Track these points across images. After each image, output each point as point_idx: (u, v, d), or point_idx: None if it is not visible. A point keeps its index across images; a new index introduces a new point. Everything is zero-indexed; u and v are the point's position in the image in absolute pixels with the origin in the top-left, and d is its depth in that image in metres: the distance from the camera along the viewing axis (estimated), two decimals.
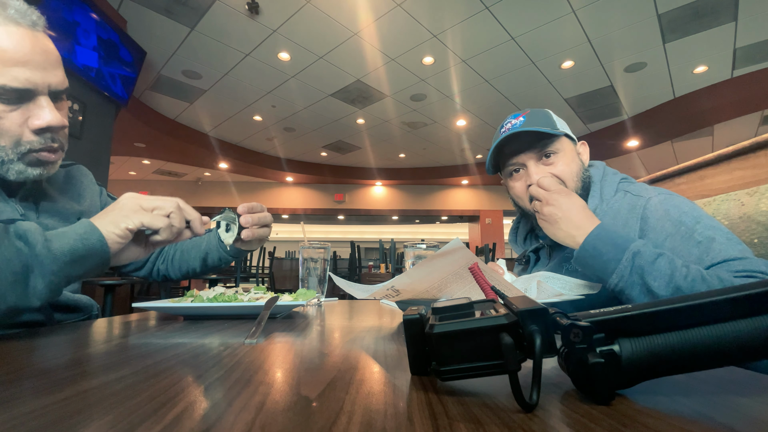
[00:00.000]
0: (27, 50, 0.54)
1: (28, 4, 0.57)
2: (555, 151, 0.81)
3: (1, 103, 0.54)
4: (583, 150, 0.87)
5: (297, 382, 0.29)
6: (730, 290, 0.23)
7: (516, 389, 0.22)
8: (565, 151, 0.82)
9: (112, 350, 0.40)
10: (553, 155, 0.82)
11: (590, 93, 4.67)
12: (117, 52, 3.20)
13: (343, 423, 0.20)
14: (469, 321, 0.25)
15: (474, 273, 0.43)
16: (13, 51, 0.53)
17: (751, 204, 0.83)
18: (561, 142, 0.82)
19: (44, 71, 0.56)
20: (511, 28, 3.48)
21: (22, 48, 0.54)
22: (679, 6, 3.16)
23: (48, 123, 0.56)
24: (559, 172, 0.81)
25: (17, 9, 0.55)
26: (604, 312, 0.25)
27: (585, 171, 0.84)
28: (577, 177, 0.82)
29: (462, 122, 5.62)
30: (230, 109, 5.23)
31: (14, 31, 0.54)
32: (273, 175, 7.68)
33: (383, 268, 5.39)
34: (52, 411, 0.21)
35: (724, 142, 5.83)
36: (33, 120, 0.56)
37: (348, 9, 3.24)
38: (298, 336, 0.51)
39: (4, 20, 0.54)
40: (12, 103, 0.54)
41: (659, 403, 0.24)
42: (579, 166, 0.83)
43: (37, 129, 0.56)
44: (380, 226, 12.55)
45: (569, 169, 0.81)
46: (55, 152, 0.60)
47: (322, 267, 0.93)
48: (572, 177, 0.81)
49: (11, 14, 0.54)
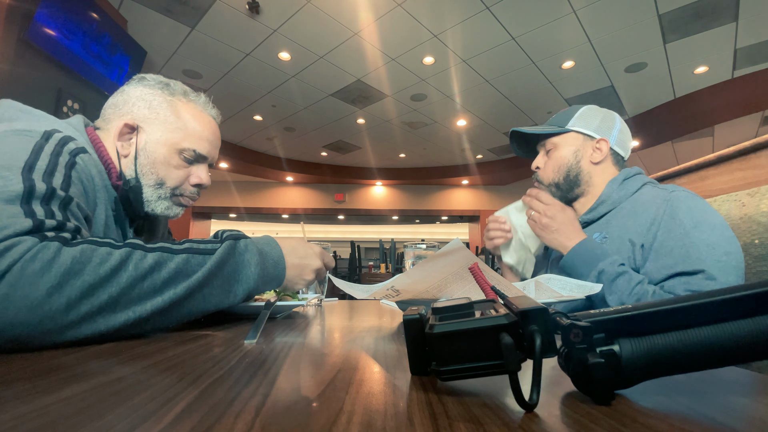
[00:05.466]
0: (211, 132, 0.78)
1: (207, 98, 0.81)
2: (553, 145, 0.94)
3: (183, 160, 0.74)
4: (601, 147, 0.91)
5: (297, 382, 0.29)
6: (730, 290, 0.23)
7: (516, 389, 0.22)
8: (564, 145, 0.93)
9: (112, 350, 0.40)
10: (551, 149, 0.94)
11: (591, 93, 4.66)
12: (117, 52, 3.20)
13: (343, 423, 0.20)
14: (469, 321, 0.25)
15: (474, 273, 0.43)
16: (203, 130, 0.76)
17: (752, 204, 0.83)
18: (565, 137, 0.93)
19: (215, 149, 0.80)
20: (512, 28, 3.48)
21: (209, 129, 0.78)
22: (680, 6, 3.16)
23: (204, 182, 0.78)
24: (546, 165, 0.95)
25: (204, 102, 0.80)
26: (604, 312, 0.25)
27: (577, 166, 0.91)
28: (558, 171, 0.93)
29: (462, 122, 5.62)
30: (230, 109, 5.22)
31: (206, 117, 0.78)
32: (273, 174, 7.68)
33: (383, 268, 5.39)
34: (52, 411, 0.21)
35: (725, 142, 5.82)
36: (193, 178, 0.77)
37: (348, 9, 3.24)
38: (298, 336, 0.51)
39: (203, 108, 0.79)
40: (189, 163, 0.76)
41: (659, 403, 0.24)
42: (568, 162, 0.92)
43: (195, 184, 0.78)
44: (380, 226, 12.54)
45: (553, 165, 0.93)
46: (193, 201, 0.80)
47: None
48: (552, 171, 0.93)
49: (202, 102, 0.79)
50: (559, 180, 0.92)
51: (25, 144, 0.54)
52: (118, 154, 0.71)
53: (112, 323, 0.43)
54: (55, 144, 0.57)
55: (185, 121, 0.75)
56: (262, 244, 0.60)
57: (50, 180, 0.51)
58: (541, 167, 0.95)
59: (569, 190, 0.92)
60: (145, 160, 0.72)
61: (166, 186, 0.73)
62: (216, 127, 0.81)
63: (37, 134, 0.57)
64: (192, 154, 0.75)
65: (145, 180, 0.72)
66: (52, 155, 0.55)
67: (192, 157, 0.75)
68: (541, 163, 0.96)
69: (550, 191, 0.94)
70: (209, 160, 0.79)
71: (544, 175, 0.95)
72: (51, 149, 0.55)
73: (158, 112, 0.73)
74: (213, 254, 0.52)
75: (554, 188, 0.93)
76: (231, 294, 0.54)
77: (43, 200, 0.47)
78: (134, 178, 0.71)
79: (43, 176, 0.50)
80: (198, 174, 0.77)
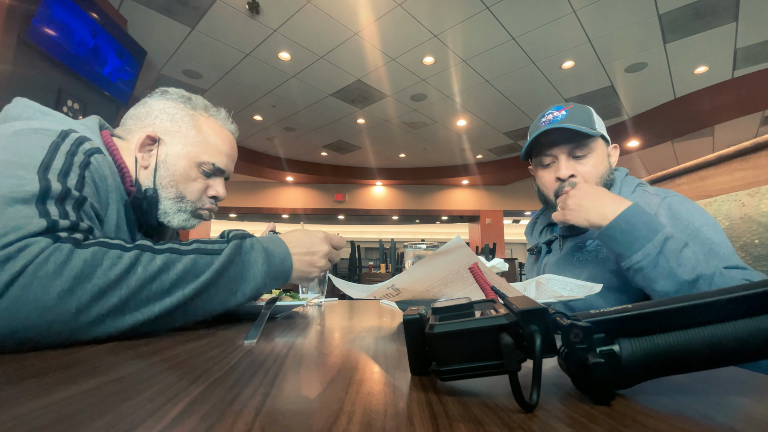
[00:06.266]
0: (229, 147, 0.80)
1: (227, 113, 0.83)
2: (588, 150, 0.83)
3: (202, 174, 0.75)
4: (614, 153, 0.90)
5: (297, 382, 0.29)
6: (730, 290, 0.23)
7: (516, 389, 0.22)
8: (597, 151, 0.84)
9: (112, 350, 0.40)
10: (585, 155, 0.84)
11: (591, 93, 4.66)
12: (117, 52, 3.20)
13: (343, 423, 0.20)
14: (469, 321, 0.25)
15: (474, 273, 0.43)
16: (222, 145, 0.78)
17: (752, 204, 0.83)
18: (596, 142, 0.85)
19: (232, 163, 0.82)
20: (512, 28, 3.48)
21: (228, 144, 0.79)
22: (680, 6, 3.16)
23: (221, 195, 0.79)
24: (586, 171, 0.83)
25: (224, 117, 0.81)
26: (604, 312, 0.25)
27: (610, 174, 0.87)
28: (601, 179, 0.84)
29: (462, 122, 5.62)
30: (230, 109, 5.08)
31: (225, 132, 0.80)
32: (273, 174, 7.68)
33: (383, 268, 5.39)
34: (52, 411, 0.21)
35: (725, 142, 5.82)
36: (211, 190, 0.78)
37: (348, 9, 3.24)
38: (298, 336, 0.51)
39: (222, 123, 0.80)
40: (207, 176, 0.77)
41: (659, 403, 0.24)
42: (606, 168, 0.86)
43: (212, 196, 0.79)
44: (380, 226, 12.54)
45: (596, 170, 0.83)
46: (213, 213, 0.82)
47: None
48: (597, 178, 0.84)
49: (222, 117, 0.81)
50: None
51: (43, 142, 0.54)
52: (137, 164, 0.72)
53: (121, 325, 0.44)
54: (71, 144, 0.57)
55: (206, 135, 0.76)
56: (267, 243, 0.61)
57: (65, 180, 0.51)
58: (577, 174, 0.83)
59: None
60: (165, 172, 0.72)
61: (187, 200, 0.74)
62: (234, 142, 0.82)
63: (54, 133, 0.57)
64: (211, 168, 0.76)
65: (164, 192, 0.73)
66: (68, 155, 0.55)
67: (210, 171, 0.76)
68: (573, 169, 0.83)
69: None
70: (226, 173, 0.80)
71: (590, 181, 0.83)
72: (67, 149, 0.56)
73: (180, 125, 0.74)
74: (220, 254, 0.52)
75: None
76: (238, 293, 0.54)
77: (57, 200, 0.48)
78: (152, 189, 0.71)
79: (58, 176, 0.51)
80: (215, 187, 0.78)
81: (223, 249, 0.53)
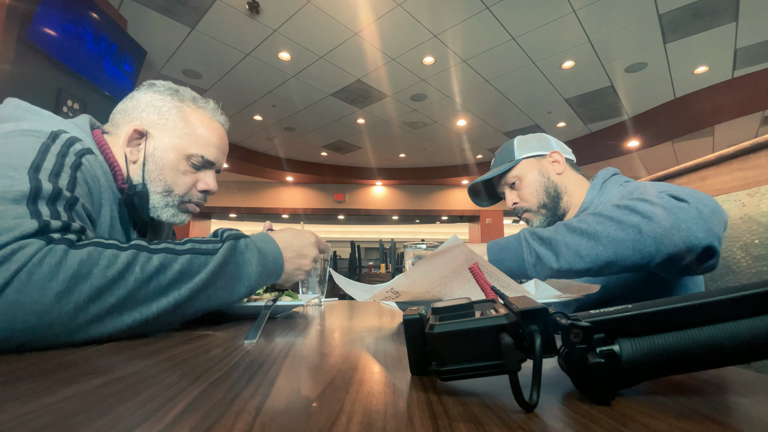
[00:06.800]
0: (219, 138, 0.78)
1: (215, 104, 0.81)
2: (516, 177, 0.97)
3: (191, 166, 0.74)
4: (555, 157, 0.97)
5: (297, 382, 0.29)
6: (730, 290, 0.23)
7: (516, 389, 0.22)
8: (525, 174, 0.96)
9: (112, 350, 0.40)
10: (514, 182, 0.97)
11: (591, 93, 4.66)
12: (117, 52, 3.20)
13: (343, 423, 0.20)
14: (469, 321, 0.25)
15: (474, 273, 0.43)
16: (211, 136, 0.76)
17: (752, 204, 0.83)
18: (520, 167, 0.97)
19: (223, 156, 0.80)
20: (512, 28, 3.48)
21: (217, 136, 0.78)
22: (680, 6, 3.16)
23: (211, 188, 0.78)
24: (524, 194, 0.96)
25: (213, 108, 0.80)
26: (604, 312, 0.25)
27: (551, 182, 0.95)
28: (537, 194, 0.95)
29: (462, 122, 5.62)
30: (230, 109, 5.22)
31: (215, 124, 0.78)
32: (273, 174, 7.68)
33: (383, 268, 5.39)
34: (52, 411, 0.21)
35: (725, 142, 5.82)
36: (201, 184, 0.77)
37: (348, 9, 3.23)
38: (298, 336, 0.51)
39: (211, 115, 0.78)
40: (196, 169, 0.75)
41: (659, 403, 0.24)
42: (546, 180, 0.95)
43: (202, 190, 0.77)
44: (380, 226, 12.54)
45: (533, 188, 0.95)
46: (200, 207, 0.80)
47: (322, 267, 0.93)
48: (533, 196, 0.95)
49: (211, 108, 0.79)
50: (544, 200, 0.95)
51: (32, 144, 0.54)
52: (126, 159, 0.71)
53: (119, 325, 0.44)
54: (61, 145, 0.57)
55: (194, 127, 0.75)
56: (260, 242, 0.61)
57: (56, 180, 0.51)
58: (519, 200, 0.97)
59: (556, 206, 0.95)
60: (153, 165, 0.71)
61: (174, 194, 0.73)
62: (224, 133, 0.81)
63: (44, 134, 0.57)
64: (200, 160, 0.75)
65: (152, 186, 0.72)
66: (59, 156, 0.55)
67: (200, 163, 0.75)
68: (515, 197, 0.98)
69: (540, 215, 0.96)
70: (216, 166, 0.79)
71: (528, 203, 0.96)
72: (57, 150, 0.55)
73: (167, 118, 0.73)
74: (215, 254, 0.52)
75: (543, 210, 0.96)
76: (234, 293, 0.55)
77: (49, 200, 0.47)
78: (141, 184, 0.71)
79: (49, 176, 0.50)
80: (205, 180, 0.77)
81: (218, 249, 0.53)
